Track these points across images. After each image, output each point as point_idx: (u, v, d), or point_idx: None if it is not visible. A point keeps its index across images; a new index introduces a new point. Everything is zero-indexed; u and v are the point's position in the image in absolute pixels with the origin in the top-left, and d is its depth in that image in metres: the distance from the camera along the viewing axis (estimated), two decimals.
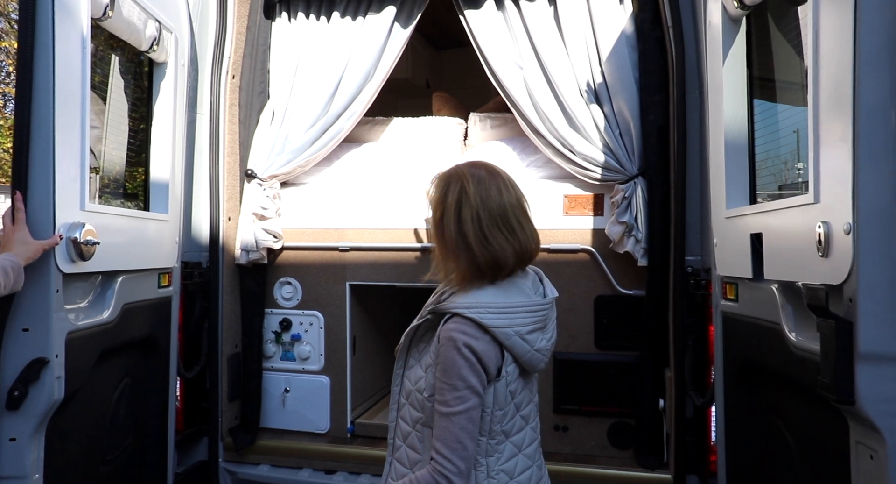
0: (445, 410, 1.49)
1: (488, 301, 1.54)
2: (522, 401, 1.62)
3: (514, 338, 1.53)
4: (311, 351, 3.31)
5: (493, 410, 1.54)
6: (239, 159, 3.27)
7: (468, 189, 1.58)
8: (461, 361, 1.49)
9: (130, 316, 2.50)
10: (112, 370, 2.47)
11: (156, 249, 2.70)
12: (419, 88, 5.10)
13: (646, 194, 2.80)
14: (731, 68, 2.19)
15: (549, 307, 1.65)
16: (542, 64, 2.94)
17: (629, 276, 2.93)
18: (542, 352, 1.60)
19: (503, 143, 3.26)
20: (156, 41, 2.67)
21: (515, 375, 1.57)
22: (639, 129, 2.81)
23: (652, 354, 2.83)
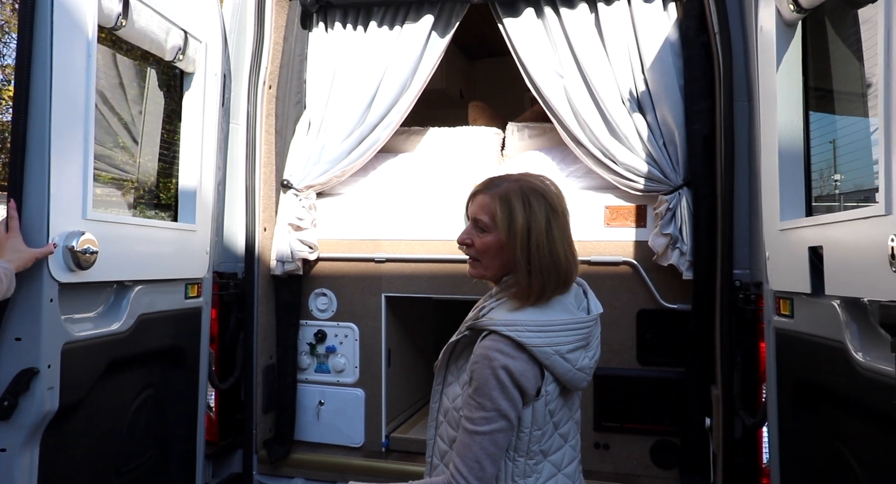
0: (470, 428, 1.45)
1: (527, 318, 1.48)
2: (561, 419, 1.56)
3: (553, 357, 1.47)
4: (345, 363, 3.27)
5: (531, 430, 1.49)
6: (275, 170, 3.26)
7: (537, 212, 1.53)
8: (494, 382, 1.44)
9: (149, 326, 2.48)
10: (128, 381, 2.45)
11: (181, 259, 2.68)
12: (453, 99, 5.07)
13: (691, 205, 2.72)
14: (786, 74, 2.10)
15: (592, 324, 1.58)
16: (583, 72, 2.87)
17: (673, 289, 2.84)
18: (584, 370, 1.54)
19: (542, 153, 3.20)
20: (181, 51, 2.65)
21: (555, 394, 1.51)
22: (683, 138, 2.73)
23: (698, 370, 2.73)
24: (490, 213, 1.56)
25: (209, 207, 2.86)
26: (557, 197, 1.58)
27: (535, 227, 1.52)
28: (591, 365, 1.56)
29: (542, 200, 1.55)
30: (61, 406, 2.05)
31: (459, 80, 5.21)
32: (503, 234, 1.54)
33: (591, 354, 1.57)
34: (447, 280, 3.14)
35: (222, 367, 3.09)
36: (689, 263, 2.72)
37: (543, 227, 1.53)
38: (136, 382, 2.50)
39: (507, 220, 1.53)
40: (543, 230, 1.52)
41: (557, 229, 1.54)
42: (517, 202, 1.54)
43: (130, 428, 2.47)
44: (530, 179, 1.59)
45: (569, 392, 1.57)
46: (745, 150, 2.57)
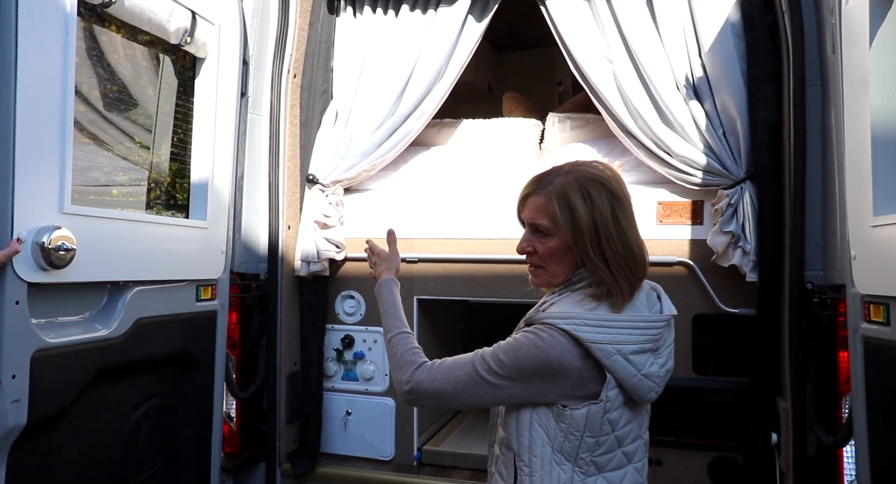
0: (475, 358, 1.42)
1: (588, 313, 1.37)
2: (627, 435, 1.43)
3: (615, 357, 1.34)
4: (374, 370, 3.06)
5: (582, 434, 1.38)
6: (300, 164, 3.07)
7: (599, 203, 1.42)
8: (533, 350, 1.35)
9: (150, 331, 2.29)
10: (127, 390, 2.26)
11: (191, 258, 2.49)
12: (482, 93, 4.87)
13: (755, 200, 2.49)
14: (881, 52, 1.86)
15: (663, 326, 1.43)
16: (634, 57, 2.65)
17: (733, 292, 2.61)
18: (651, 378, 1.40)
19: (586, 146, 2.98)
20: (188, 33, 2.45)
21: (619, 403, 1.39)
22: (746, 127, 2.50)
23: (763, 380, 2.49)
24: (549, 215, 1.45)
25: (224, 204, 2.66)
26: (617, 182, 1.46)
27: (601, 221, 1.41)
28: (660, 373, 1.42)
29: (601, 189, 1.43)
30: (31, 421, 1.83)
31: (488, 73, 5.01)
32: (567, 235, 1.43)
33: (662, 362, 1.44)
34: (484, 282, 2.92)
35: (244, 374, 2.90)
36: (753, 264, 2.48)
37: (609, 218, 1.41)
38: (136, 391, 2.32)
39: (570, 220, 1.41)
40: (610, 222, 1.41)
41: (624, 217, 1.43)
42: (575, 196, 1.42)
43: (131, 440, 2.28)
44: (583, 168, 1.47)
45: (637, 405, 1.43)
46: (818, 139, 2.34)
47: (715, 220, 2.57)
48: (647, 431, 1.52)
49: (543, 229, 1.46)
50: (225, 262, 2.69)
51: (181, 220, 2.55)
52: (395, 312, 1.69)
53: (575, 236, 1.42)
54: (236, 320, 2.87)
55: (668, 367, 1.47)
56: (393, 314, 1.68)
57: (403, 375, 1.48)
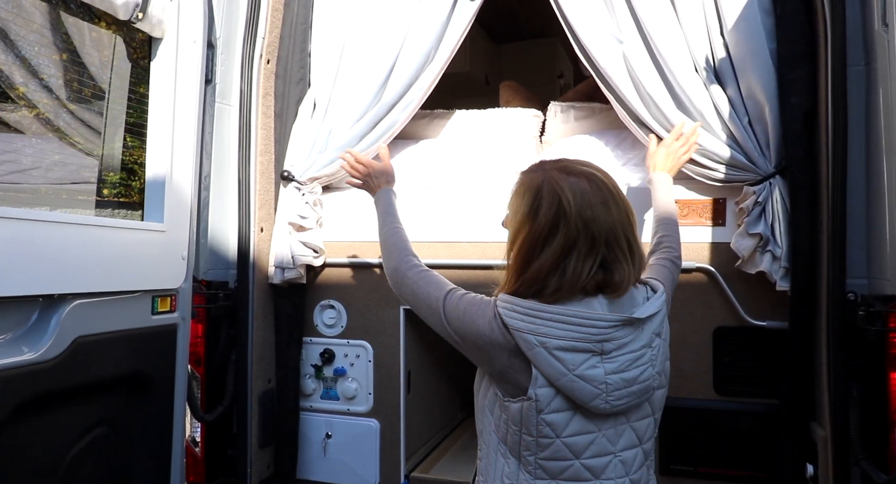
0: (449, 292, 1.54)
1: (522, 300, 1.34)
2: (586, 447, 1.34)
3: (537, 349, 1.29)
4: (357, 389, 2.76)
5: (520, 430, 1.35)
6: (273, 159, 2.76)
7: (567, 207, 1.35)
8: (477, 319, 1.40)
9: (92, 351, 1.99)
10: (62, 421, 1.95)
11: (144, 266, 2.19)
12: (478, 84, 4.58)
13: (786, 198, 2.18)
14: None
15: (608, 326, 1.31)
16: (647, 37, 2.34)
17: (760, 302, 2.31)
18: (591, 382, 1.29)
19: (592, 138, 2.67)
20: (138, 7, 2.14)
21: (558, 406, 1.31)
22: (776, 114, 2.19)
23: (796, 403, 2.18)
24: (509, 205, 1.50)
25: (185, 204, 2.35)
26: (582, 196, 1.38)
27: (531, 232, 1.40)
28: (608, 380, 1.31)
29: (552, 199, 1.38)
30: None
31: (485, 64, 4.71)
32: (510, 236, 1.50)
33: (614, 368, 1.31)
34: (479, 290, 2.60)
35: (210, 394, 2.59)
36: (785, 270, 2.18)
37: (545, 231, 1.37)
38: (76, 421, 2.01)
39: (514, 212, 1.48)
40: (543, 235, 1.37)
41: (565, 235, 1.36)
42: (523, 203, 1.43)
43: (69, 478, 1.97)
44: (550, 171, 1.45)
45: (599, 416, 1.34)
46: (861, 128, 2.03)
47: (739, 221, 2.27)
48: (630, 451, 1.40)
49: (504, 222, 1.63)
50: (186, 269, 2.39)
51: (132, 223, 2.24)
52: (392, 212, 1.91)
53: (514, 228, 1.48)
54: (202, 334, 2.57)
55: (627, 376, 1.33)
56: (390, 213, 1.90)
57: (393, 261, 1.71)
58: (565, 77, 5.40)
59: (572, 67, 5.64)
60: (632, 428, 1.41)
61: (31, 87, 2.06)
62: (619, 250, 1.37)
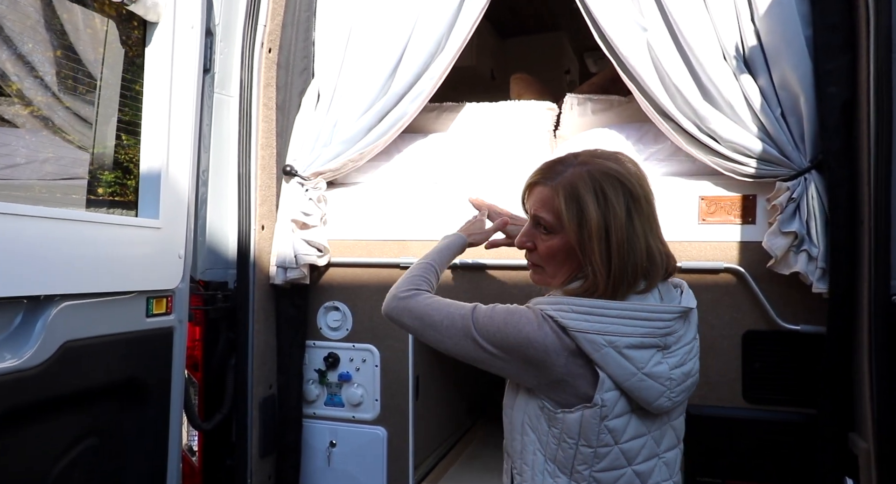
0: (474, 307, 1.36)
1: (578, 299, 1.25)
2: (638, 452, 1.26)
3: (605, 350, 1.19)
4: (363, 395, 2.62)
5: (577, 442, 1.23)
6: (275, 153, 2.63)
7: (615, 204, 1.27)
8: (519, 327, 1.25)
9: (82, 356, 1.86)
10: (49, 432, 1.82)
11: (139, 265, 2.06)
12: (484, 80, 4.45)
13: (822, 194, 2.05)
14: None
15: (673, 318, 1.26)
16: (672, 23, 2.21)
17: (793, 305, 2.18)
18: (657, 379, 1.22)
19: (612, 131, 2.53)
20: None
21: (622, 409, 1.23)
22: (812, 105, 2.06)
23: (835, 413, 2.05)
24: (554, 211, 1.32)
25: (182, 199, 2.22)
26: (639, 179, 1.32)
27: (614, 224, 1.26)
28: (672, 376, 1.24)
29: (618, 186, 1.28)
30: None
31: (490, 59, 4.58)
32: (572, 236, 1.29)
33: (676, 362, 1.26)
34: (492, 291, 2.48)
35: (208, 401, 2.46)
36: (822, 271, 2.05)
37: (624, 222, 1.27)
38: (65, 432, 1.87)
39: (577, 219, 1.28)
40: (624, 226, 1.27)
41: (641, 222, 1.29)
42: (587, 193, 1.27)
43: None
44: (601, 160, 1.32)
45: (651, 416, 1.26)
46: None
47: (772, 219, 2.13)
48: (671, 451, 1.34)
49: (546, 225, 1.34)
50: (183, 268, 2.25)
51: (126, 219, 2.10)
52: (445, 257, 1.78)
53: (581, 239, 1.28)
54: (200, 337, 2.45)
55: (685, 369, 1.29)
56: (434, 250, 1.77)
57: (398, 289, 1.52)
58: (572, 73, 5.27)
59: (579, 64, 5.52)
60: (672, 427, 1.35)
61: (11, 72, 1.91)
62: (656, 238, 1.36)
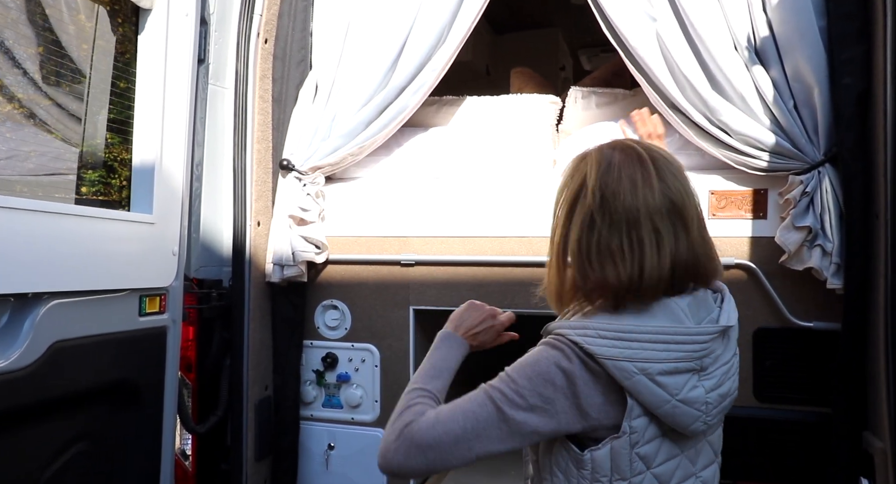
0: (485, 388, 1.15)
1: (606, 323, 1.13)
2: (672, 474, 1.17)
3: (637, 377, 1.09)
4: (362, 396, 2.55)
5: (610, 478, 1.14)
6: (271, 147, 2.55)
7: (589, 178, 1.19)
8: (550, 367, 1.11)
9: (72, 357, 1.78)
10: (38, 437, 1.74)
11: (132, 262, 1.98)
12: (479, 75, 4.38)
13: (837, 188, 2.01)
14: None
15: (709, 339, 1.15)
16: (682, 13, 2.16)
17: (806, 301, 2.14)
18: (693, 405, 1.13)
19: (618, 125, 2.48)
20: None
21: (651, 435, 1.14)
22: (826, 97, 2.02)
23: (850, 413, 2.01)
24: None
25: (177, 194, 2.14)
26: (607, 169, 1.19)
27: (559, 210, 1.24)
28: (708, 399, 1.15)
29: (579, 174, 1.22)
30: None
31: (486, 54, 4.52)
32: None
33: (712, 384, 1.16)
34: (494, 289, 2.42)
35: (202, 403, 2.38)
36: (837, 267, 2.00)
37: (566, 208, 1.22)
38: (54, 437, 1.79)
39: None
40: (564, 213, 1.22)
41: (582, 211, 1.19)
42: (561, 180, 1.26)
43: None
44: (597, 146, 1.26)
45: (684, 437, 1.17)
46: None
47: (784, 213, 2.09)
48: (709, 469, 1.24)
49: None
50: (178, 266, 2.17)
51: (118, 213, 2.01)
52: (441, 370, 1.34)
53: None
54: (193, 337, 2.37)
55: (722, 391, 1.19)
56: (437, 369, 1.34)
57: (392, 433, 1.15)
58: (566, 70, 5.22)
59: (573, 61, 5.47)
60: (708, 443, 1.25)
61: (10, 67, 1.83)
62: (633, 241, 1.16)
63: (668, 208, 1.16)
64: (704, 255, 1.22)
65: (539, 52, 4.88)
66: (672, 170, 1.20)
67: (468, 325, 1.40)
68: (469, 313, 1.41)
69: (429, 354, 1.33)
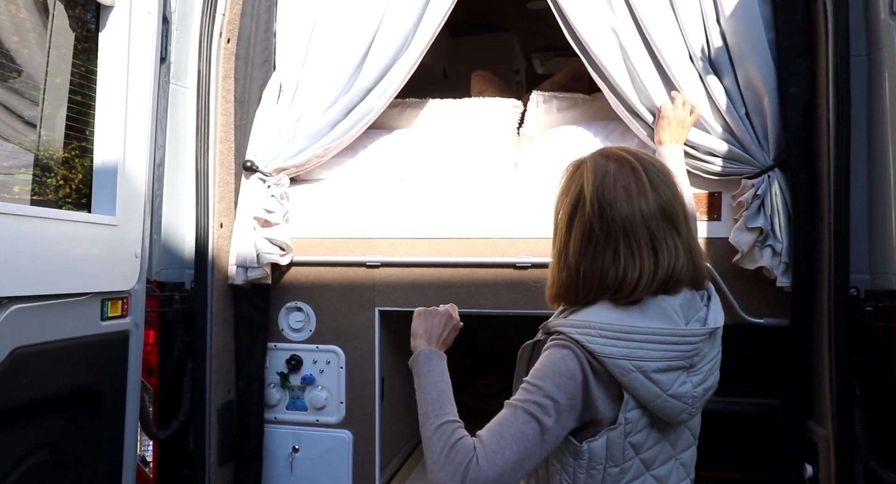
0: (518, 406, 1.16)
1: (605, 320, 1.21)
2: (656, 457, 1.28)
3: (633, 375, 1.18)
4: (327, 398, 2.55)
5: (605, 466, 1.22)
6: (234, 148, 2.52)
7: (586, 188, 1.26)
8: (568, 365, 1.17)
9: (32, 363, 1.74)
10: (0, 446, 1.70)
11: (94, 265, 1.94)
12: (436, 77, 4.42)
13: (785, 192, 2.13)
14: None
15: (700, 340, 1.25)
16: (641, 24, 2.24)
17: (757, 299, 2.25)
18: (681, 399, 1.23)
19: (579, 128, 2.55)
20: None
21: (642, 425, 1.23)
22: (775, 106, 2.13)
23: (796, 404, 2.13)
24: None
25: (140, 195, 2.10)
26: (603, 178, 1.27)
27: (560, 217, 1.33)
28: (695, 394, 1.25)
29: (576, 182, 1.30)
30: None
31: (443, 56, 4.56)
32: None
33: (699, 380, 1.26)
34: (461, 290, 2.46)
35: (164, 408, 2.33)
36: (786, 266, 2.12)
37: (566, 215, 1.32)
38: (11, 448, 1.74)
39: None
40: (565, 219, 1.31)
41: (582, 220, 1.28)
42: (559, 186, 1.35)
43: None
44: (590, 154, 1.35)
45: (669, 424, 1.27)
46: (863, 120, 2.00)
47: (737, 215, 2.20)
48: (687, 451, 1.36)
49: None
50: (140, 268, 2.13)
51: (79, 215, 1.96)
52: (447, 392, 1.29)
53: None
54: (154, 341, 2.31)
55: (706, 386, 1.30)
56: (445, 393, 1.29)
57: (446, 475, 1.12)
58: (520, 74, 5.31)
59: (527, 65, 5.56)
60: (687, 428, 1.36)
61: None
62: (632, 247, 1.24)
63: (661, 214, 1.25)
64: (695, 258, 1.31)
65: (495, 55, 4.95)
66: (662, 177, 1.28)
67: (437, 333, 1.42)
68: (432, 322, 1.42)
69: (426, 379, 1.30)
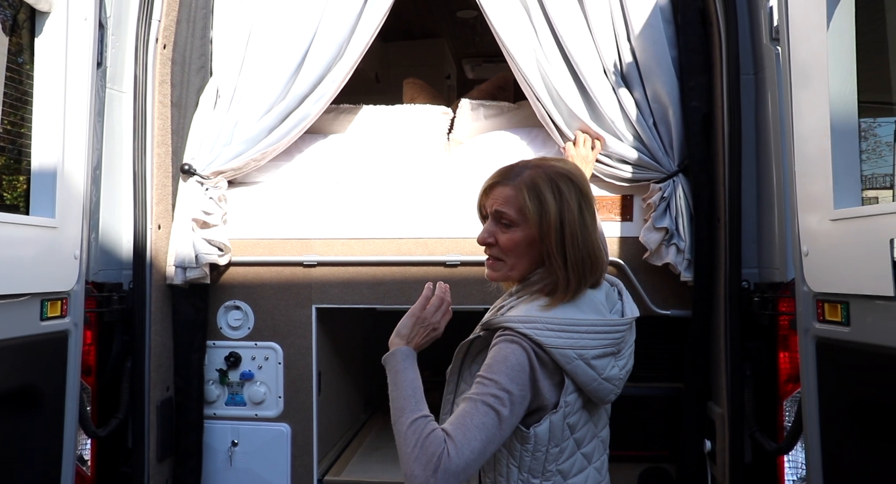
0: (474, 396, 1.26)
1: (549, 315, 1.33)
2: (585, 436, 1.40)
3: (576, 362, 1.30)
4: (266, 393, 2.64)
5: (547, 447, 1.34)
6: (171, 151, 2.57)
7: (568, 199, 1.40)
8: (518, 358, 1.28)
9: None
10: None
11: (33, 266, 1.97)
12: (369, 82, 4.52)
13: (688, 195, 2.36)
14: (837, 38, 1.76)
15: (626, 329, 1.42)
16: (561, 40, 2.43)
17: (664, 292, 2.48)
18: (612, 381, 1.37)
19: (505, 134, 2.72)
20: None
21: (577, 407, 1.35)
22: (678, 117, 2.36)
23: (697, 386, 2.37)
24: (517, 206, 1.42)
25: (78, 197, 2.13)
26: (584, 180, 1.47)
27: (568, 217, 1.39)
28: (621, 376, 1.41)
29: (570, 185, 1.42)
30: None
31: (374, 62, 4.67)
32: (534, 228, 1.41)
33: (623, 363, 1.42)
34: (393, 287, 2.59)
35: (102, 406, 2.37)
36: (689, 262, 2.35)
37: (577, 215, 1.40)
38: None
39: (539, 212, 1.40)
40: (577, 219, 1.40)
41: (590, 217, 1.43)
42: (546, 189, 1.40)
43: None
44: (552, 163, 1.47)
45: (594, 405, 1.41)
46: (752, 131, 2.25)
47: (646, 216, 2.42)
48: (605, 429, 1.49)
49: (509, 220, 1.43)
50: (79, 269, 2.16)
51: (18, 217, 1.98)
52: (420, 389, 1.37)
53: (542, 230, 1.40)
54: (92, 341, 2.34)
55: (628, 368, 1.45)
56: (419, 390, 1.36)
57: (419, 467, 1.20)
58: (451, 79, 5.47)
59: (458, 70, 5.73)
60: (604, 409, 1.48)
61: None
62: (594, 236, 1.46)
63: (594, 212, 1.44)
64: (602, 250, 1.48)
65: (426, 61, 5.09)
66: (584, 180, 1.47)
67: (417, 338, 1.48)
68: (417, 330, 1.48)
69: (402, 375, 1.36)
